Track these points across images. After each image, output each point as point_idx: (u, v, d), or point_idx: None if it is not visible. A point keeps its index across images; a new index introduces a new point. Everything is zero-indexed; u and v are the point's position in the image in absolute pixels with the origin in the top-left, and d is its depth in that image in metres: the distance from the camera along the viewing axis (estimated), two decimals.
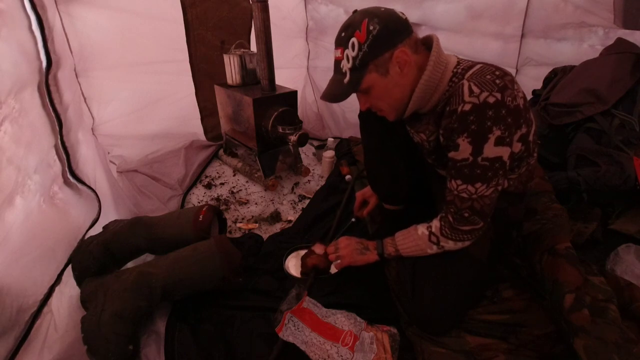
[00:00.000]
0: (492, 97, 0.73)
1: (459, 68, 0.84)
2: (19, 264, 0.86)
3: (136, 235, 1.12)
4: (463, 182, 0.83)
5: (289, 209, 1.69)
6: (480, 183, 0.82)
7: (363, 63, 0.82)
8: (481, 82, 0.75)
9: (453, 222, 0.88)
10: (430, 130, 0.93)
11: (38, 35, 0.99)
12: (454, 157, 0.83)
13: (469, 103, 0.75)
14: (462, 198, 0.85)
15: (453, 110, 0.79)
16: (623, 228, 1.25)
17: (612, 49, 1.55)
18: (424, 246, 0.94)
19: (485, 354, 0.90)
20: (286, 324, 0.95)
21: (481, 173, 0.81)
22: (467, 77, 0.79)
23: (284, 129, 1.66)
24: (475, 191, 0.83)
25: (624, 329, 0.81)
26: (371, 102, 0.92)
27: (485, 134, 0.76)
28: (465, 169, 0.82)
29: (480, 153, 0.78)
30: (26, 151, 0.91)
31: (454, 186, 0.86)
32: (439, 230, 0.91)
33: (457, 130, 0.79)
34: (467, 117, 0.76)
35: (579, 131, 1.46)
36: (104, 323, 0.88)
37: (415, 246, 0.96)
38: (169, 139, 1.95)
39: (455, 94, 0.79)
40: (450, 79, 0.84)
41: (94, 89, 1.51)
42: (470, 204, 0.85)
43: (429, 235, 0.93)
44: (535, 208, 1.16)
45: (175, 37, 1.76)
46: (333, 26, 2.27)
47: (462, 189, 0.84)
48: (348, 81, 0.86)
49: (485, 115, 0.74)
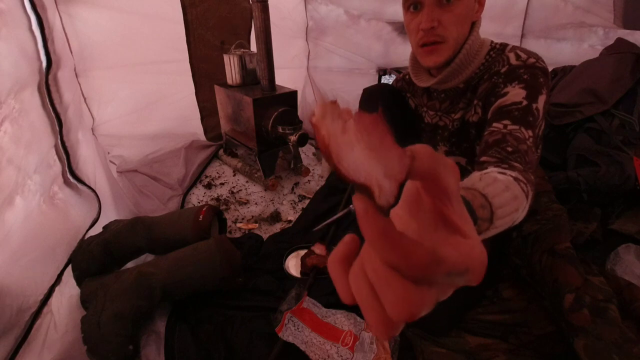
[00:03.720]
0: (539, 63, 0.75)
1: (496, 44, 0.86)
2: (19, 264, 0.86)
3: (136, 235, 1.12)
4: (513, 123, 0.66)
5: (289, 209, 1.69)
6: (531, 132, 0.65)
7: None
8: (525, 51, 0.78)
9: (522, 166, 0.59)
10: (459, 107, 0.91)
11: (38, 35, 0.99)
12: (502, 102, 0.71)
13: (517, 63, 0.76)
14: (516, 137, 0.64)
15: (496, 71, 0.79)
16: (623, 228, 1.25)
17: (612, 49, 1.55)
18: (519, 203, 0.52)
19: (485, 354, 0.90)
20: (286, 324, 0.95)
21: (533, 121, 0.66)
22: (507, 50, 0.81)
23: (284, 129, 1.66)
24: (528, 137, 0.64)
25: (624, 329, 0.81)
26: (443, 20, 0.77)
27: (538, 87, 0.71)
28: (517, 111, 0.68)
29: (535, 101, 0.68)
30: (26, 151, 0.91)
31: (500, 126, 0.67)
32: (520, 173, 0.57)
33: (504, 82, 0.75)
34: (517, 70, 0.75)
35: (579, 131, 1.47)
36: (104, 323, 0.88)
37: (511, 205, 0.50)
38: (169, 139, 1.95)
39: (496, 61, 0.81)
40: (487, 52, 0.85)
41: (94, 89, 1.51)
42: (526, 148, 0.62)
43: (517, 181, 0.54)
44: (535, 208, 1.16)
45: (175, 37, 1.76)
46: (333, 26, 2.27)
47: (514, 129, 0.65)
48: None
49: (536, 72, 0.74)
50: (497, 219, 0.47)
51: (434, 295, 0.20)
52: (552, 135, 1.53)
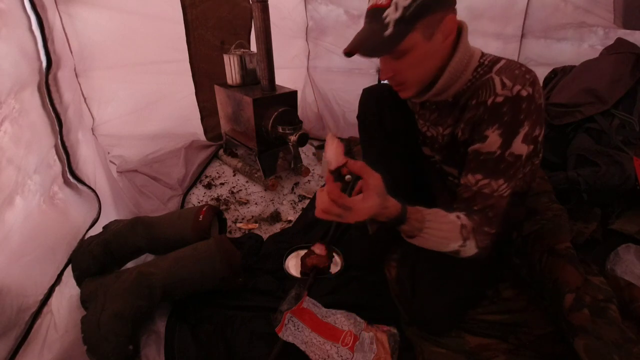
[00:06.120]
0: (525, 90, 0.72)
1: (485, 59, 0.82)
2: (19, 264, 0.86)
3: (136, 235, 1.12)
4: (485, 177, 0.77)
5: (289, 209, 1.69)
6: (503, 180, 0.76)
7: (415, 16, 0.71)
8: (512, 75, 0.74)
9: (479, 221, 0.78)
10: (447, 123, 0.90)
11: (38, 35, 0.99)
12: (479, 149, 0.78)
13: (502, 95, 0.74)
14: (484, 195, 0.77)
15: (482, 102, 0.77)
16: (623, 228, 1.25)
17: (612, 49, 1.55)
18: (452, 237, 0.77)
19: (485, 354, 0.90)
20: (286, 324, 0.95)
21: (505, 168, 0.76)
22: (495, 71, 0.77)
23: (284, 129, 1.66)
24: (497, 188, 0.77)
25: (624, 328, 0.81)
26: (398, 70, 0.80)
27: (517, 127, 0.73)
28: (490, 162, 0.76)
29: (509, 147, 0.74)
30: (26, 151, 0.91)
31: (471, 181, 0.79)
32: (470, 224, 0.77)
33: (487, 122, 0.76)
34: (500, 108, 0.74)
35: (579, 131, 1.47)
36: (104, 323, 0.88)
37: (442, 233, 0.77)
38: (169, 139, 1.95)
39: (483, 87, 0.78)
40: (475, 69, 0.82)
41: (94, 89, 1.51)
42: (492, 202, 0.77)
43: (461, 228, 0.77)
44: (535, 208, 1.16)
45: (175, 37, 1.76)
46: (333, 26, 2.27)
47: (484, 185, 0.77)
48: (390, 34, 0.72)
49: (519, 108, 0.73)
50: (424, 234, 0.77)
51: (343, 213, 0.68)
52: (552, 135, 1.53)
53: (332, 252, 1.27)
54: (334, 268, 1.24)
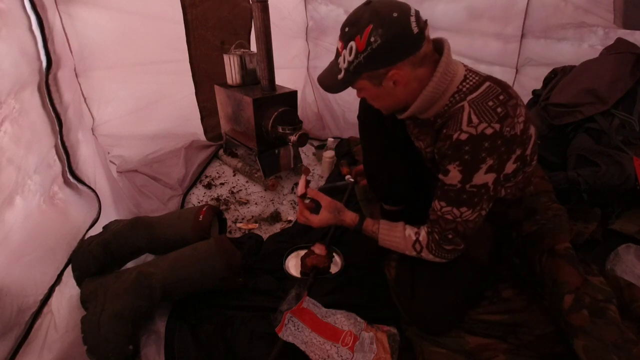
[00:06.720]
0: (491, 128, 0.72)
1: (464, 86, 0.80)
2: (19, 264, 0.86)
3: (136, 235, 1.12)
4: (448, 205, 0.83)
5: (289, 209, 1.69)
6: (465, 208, 0.82)
7: (356, 71, 0.79)
8: (481, 110, 0.73)
9: (439, 240, 0.88)
10: (427, 142, 0.93)
11: (38, 35, 0.99)
12: (442, 179, 0.83)
13: (466, 133, 0.74)
14: (446, 219, 0.84)
15: (449, 135, 0.77)
16: (623, 228, 1.25)
17: (612, 49, 1.54)
18: (404, 248, 0.94)
19: (485, 354, 0.90)
20: (286, 324, 0.95)
21: (467, 198, 0.80)
22: (468, 100, 0.76)
23: (284, 129, 1.66)
24: (460, 215, 0.83)
25: (623, 329, 0.81)
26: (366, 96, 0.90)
27: (477, 164, 0.76)
28: (452, 193, 0.81)
29: (470, 181, 0.78)
30: (26, 151, 0.91)
31: (437, 207, 0.85)
32: (425, 242, 0.90)
33: (449, 157, 0.78)
34: (462, 146, 0.75)
35: (579, 131, 1.46)
36: (104, 323, 0.88)
37: (395, 243, 0.96)
38: (169, 139, 1.95)
39: (453, 118, 0.77)
40: (452, 95, 0.81)
41: (94, 89, 1.51)
42: (454, 226, 0.84)
43: (414, 242, 0.92)
44: (535, 208, 1.16)
45: (175, 37, 1.76)
46: (333, 26, 2.27)
47: (447, 211, 0.84)
48: (341, 79, 0.83)
49: (480, 147, 0.73)
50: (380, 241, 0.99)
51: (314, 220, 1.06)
52: (552, 135, 1.53)
53: (332, 252, 1.27)
54: (334, 268, 1.24)
